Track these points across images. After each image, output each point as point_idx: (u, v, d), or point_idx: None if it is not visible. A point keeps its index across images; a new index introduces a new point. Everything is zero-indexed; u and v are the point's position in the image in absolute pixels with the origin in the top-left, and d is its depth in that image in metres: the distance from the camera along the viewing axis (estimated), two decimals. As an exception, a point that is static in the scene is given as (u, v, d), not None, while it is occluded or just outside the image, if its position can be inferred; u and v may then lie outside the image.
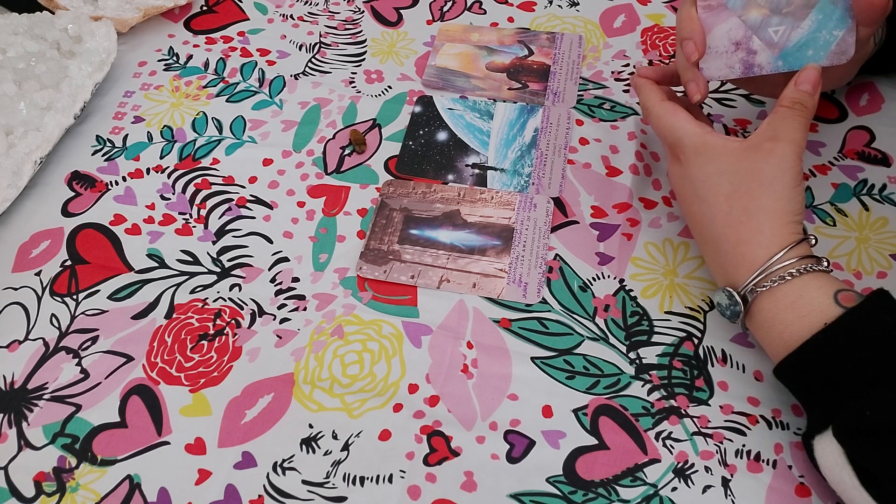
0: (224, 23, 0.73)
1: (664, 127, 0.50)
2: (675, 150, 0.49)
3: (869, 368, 0.39)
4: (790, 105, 0.45)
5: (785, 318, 0.42)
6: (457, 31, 0.71)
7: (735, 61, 0.49)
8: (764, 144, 0.45)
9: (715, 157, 0.46)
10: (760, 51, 0.49)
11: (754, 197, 0.44)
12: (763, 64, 0.49)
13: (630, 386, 0.48)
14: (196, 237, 0.57)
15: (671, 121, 0.49)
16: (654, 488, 0.44)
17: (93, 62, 0.64)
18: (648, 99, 0.52)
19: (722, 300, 0.46)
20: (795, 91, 0.46)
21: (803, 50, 0.47)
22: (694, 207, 0.48)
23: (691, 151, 0.47)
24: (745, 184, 0.45)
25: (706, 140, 0.47)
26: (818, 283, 0.42)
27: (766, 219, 0.44)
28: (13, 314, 0.53)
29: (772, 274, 0.43)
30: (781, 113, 0.45)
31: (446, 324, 0.51)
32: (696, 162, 0.47)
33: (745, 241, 0.44)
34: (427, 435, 0.47)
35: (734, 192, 0.45)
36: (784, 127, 0.45)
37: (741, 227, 0.44)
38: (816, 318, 0.41)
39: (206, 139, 0.63)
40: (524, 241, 0.55)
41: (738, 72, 0.50)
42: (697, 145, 0.47)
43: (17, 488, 0.45)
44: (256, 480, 0.45)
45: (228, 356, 0.50)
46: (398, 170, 0.61)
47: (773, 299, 0.43)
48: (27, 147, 0.58)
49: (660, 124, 0.50)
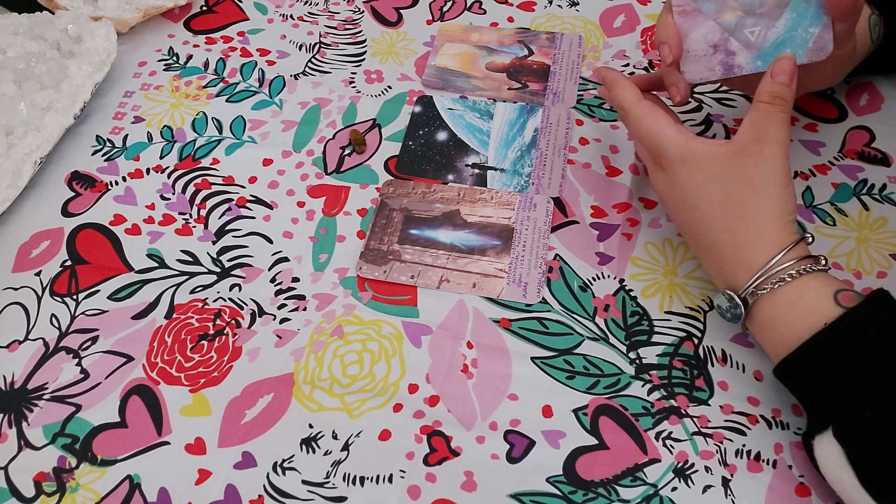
0: (224, 23, 0.73)
1: (644, 133, 0.48)
2: (657, 158, 0.48)
3: (868, 368, 0.39)
4: (770, 100, 0.44)
5: (785, 319, 0.42)
6: (457, 31, 0.71)
7: (715, 63, 0.50)
8: (751, 147, 0.44)
9: (704, 166, 0.45)
10: (739, 52, 0.49)
11: (749, 202, 0.44)
12: (742, 64, 0.49)
13: (630, 386, 0.48)
14: (196, 237, 0.57)
15: (651, 126, 0.48)
16: (654, 488, 0.44)
17: (93, 62, 0.64)
18: (624, 98, 0.50)
19: (722, 303, 0.46)
20: (773, 84, 0.45)
21: (780, 48, 0.47)
22: (686, 215, 0.47)
23: (676, 160, 0.46)
24: (738, 190, 0.44)
25: (690, 148, 0.46)
26: (818, 284, 0.42)
27: (764, 223, 0.44)
28: (13, 314, 0.53)
29: (771, 276, 0.43)
30: (763, 110, 0.44)
31: (446, 324, 0.51)
32: (682, 171, 0.46)
33: (744, 246, 0.44)
34: (427, 435, 0.47)
35: (728, 198, 0.44)
36: (768, 126, 0.44)
37: (739, 233, 0.44)
38: (816, 319, 0.41)
39: (206, 139, 0.63)
40: (524, 241, 0.55)
41: (719, 73, 0.50)
42: (682, 154, 0.46)
43: (17, 488, 0.45)
44: (256, 480, 0.45)
45: (228, 356, 0.50)
46: (398, 170, 0.61)
47: (774, 301, 0.43)
48: (27, 147, 0.58)
49: (639, 129, 0.48)
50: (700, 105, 0.63)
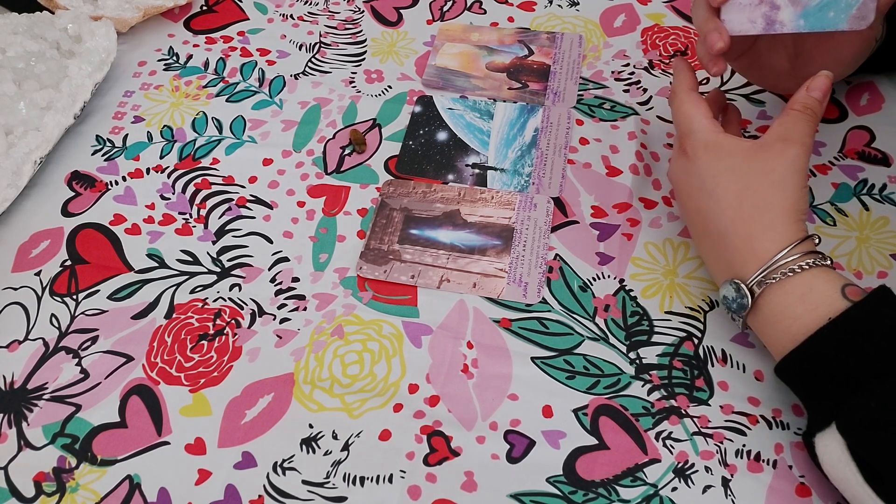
0: (224, 23, 0.73)
1: (682, 114, 0.50)
2: (684, 141, 0.49)
3: (874, 362, 0.39)
4: (802, 109, 0.46)
5: (794, 311, 0.43)
6: (457, 31, 0.71)
7: (758, 15, 0.49)
8: (775, 145, 0.46)
9: (726, 155, 0.47)
10: (784, 6, 0.48)
11: (766, 194, 0.45)
12: (785, 21, 0.48)
13: (630, 386, 0.48)
14: (196, 237, 0.57)
15: (690, 110, 0.49)
16: (654, 488, 0.44)
17: (93, 62, 0.64)
18: (679, 83, 0.51)
19: (729, 293, 0.46)
20: (807, 97, 0.47)
21: (825, 10, 0.47)
22: (700, 202, 0.48)
23: (701, 146, 0.48)
24: (757, 181, 0.45)
25: (718, 138, 0.48)
26: (827, 277, 0.43)
27: (777, 216, 0.44)
28: (13, 314, 0.53)
29: (782, 266, 0.43)
30: (793, 116, 0.46)
31: (446, 324, 0.51)
32: (704, 156, 0.48)
33: (755, 236, 0.45)
34: (427, 435, 0.47)
35: (745, 189, 0.45)
36: (795, 129, 0.46)
37: (752, 223, 0.45)
38: (825, 312, 0.42)
39: (206, 139, 0.63)
40: (524, 240, 0.55)
41: (760, 27, 0.49)
42: (708, 141, 0.48)
43: (17, 488, 0.45)
44: (256, 480, 0.45)
45: (228, 356, 0.50)
46: (398, 170, 0.61)
47: (783, 292, 0.43)
48: (27, 147, 0.58)
49: (680, 110, 0.50)
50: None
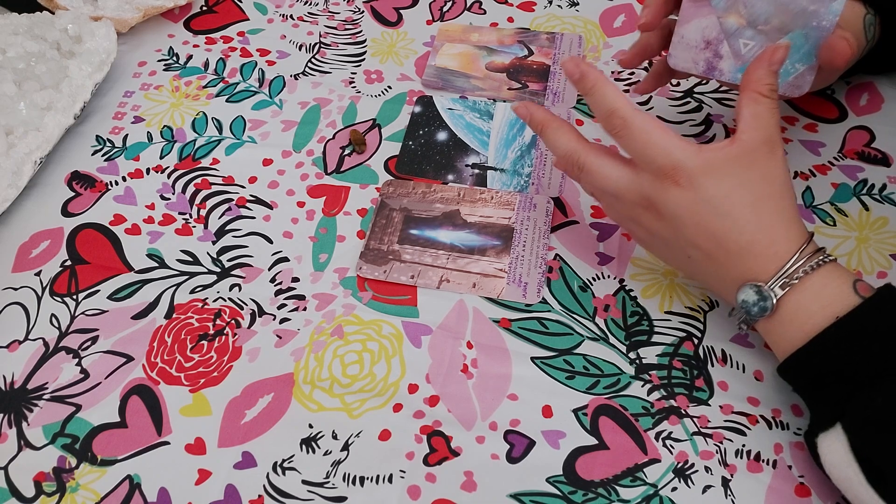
0: (224, 23, 0.73)
1: (653, 145, 0.44)
2: (674, 174, 0.44)
3: (880, 361, 0.39)
4: (768, 94, 0.44)
5: (809, 309, 0.42)
6: (457, 31, 0.71)
7: (701, 59, 0.51)
8: (761, 148, 0.44)
9: (727, 172, 0.44)
10: (726, 57, 0.50)
11: (779, 199, 0.44)
12: (724, 70, 0.50)
13: (630, 386, 0.48)
14: (196, 237, 0.57)
15: (661, 138, 0.44)
16: (654, 488, 0.44)
17: (93, 62, 0.64)
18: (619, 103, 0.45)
19: (749, 297, 0.44)
20: (770, 74, 0.44)
21: None
22: (713, 226, 0.44)
23: (699, 172, 0.44)
24: (767, 189, 0.44)
25: (707, 158, 0.44)
26: (838, 273, 0.43)
27: (791, 217, 0.44)
28: (13, 314, 0.53)
29: (802, 265, 0.43)
30: (765, 106, 0.44)
31: (446, 324, 0.51)
32: (707, 182, 0.44)
33: (778, 241, 0.44)
34: (427, 435, 0.47)
35: (757, 199, 0.44)
36: (771, 124, 0.44)
37: (773, 230, 0.44)
38: (838, 308, 0.41)
39: (206, 139, 0.63)
40: (524, 241, 0.55)
41: (700, 70, 0.51)
42: (702, 165, 0.44)
43: (17, 488, 0.45)
44: (256, 480, 0.45)
45: (228, 356, 0.50)
46: (398, 170, 0.61)
47: (803, 290, 0.43)
48: (27, 147, 0.58)
49: (648, 142, 0.44)
50: (700, 105, 0.63)
